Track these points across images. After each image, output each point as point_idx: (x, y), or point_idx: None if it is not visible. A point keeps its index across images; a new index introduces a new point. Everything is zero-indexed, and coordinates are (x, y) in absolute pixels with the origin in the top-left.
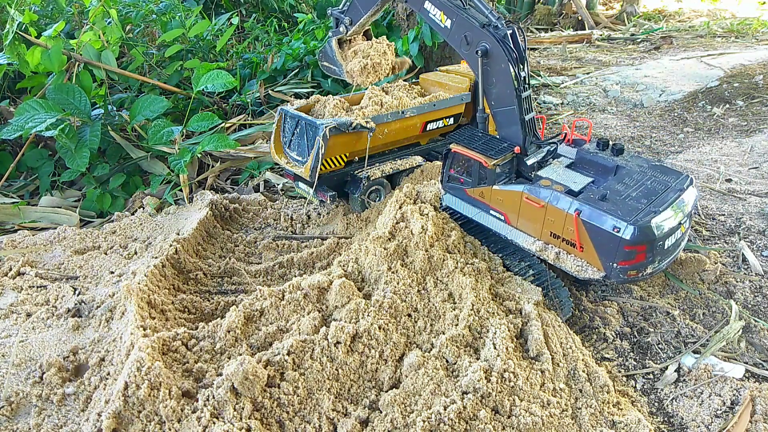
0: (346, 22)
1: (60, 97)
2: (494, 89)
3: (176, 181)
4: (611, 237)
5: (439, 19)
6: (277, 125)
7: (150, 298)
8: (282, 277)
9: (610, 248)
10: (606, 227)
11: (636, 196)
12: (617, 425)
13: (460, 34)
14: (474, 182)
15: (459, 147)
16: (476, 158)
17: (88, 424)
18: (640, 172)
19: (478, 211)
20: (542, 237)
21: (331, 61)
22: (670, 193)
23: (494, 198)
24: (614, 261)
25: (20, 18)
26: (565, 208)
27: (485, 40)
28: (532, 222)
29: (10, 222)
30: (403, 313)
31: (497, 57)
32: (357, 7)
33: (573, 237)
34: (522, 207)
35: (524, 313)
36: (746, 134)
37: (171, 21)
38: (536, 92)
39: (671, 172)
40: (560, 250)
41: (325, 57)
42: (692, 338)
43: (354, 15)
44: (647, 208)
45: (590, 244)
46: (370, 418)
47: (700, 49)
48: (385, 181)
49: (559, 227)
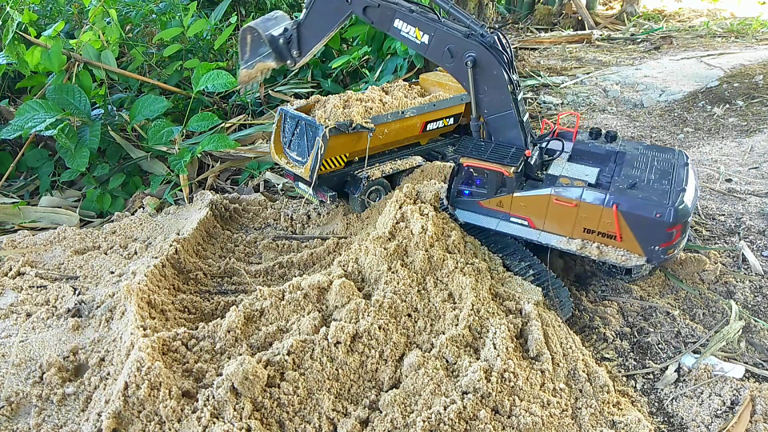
0: (295, 55)
1: (60, 97)
2: (486, 97)
3: (176, 181)
4: (654, 222)
5: (414, 36)
6: (277, 125)
7: (150, 298)
8: (282, 277)
9: (653, 233)
10: (648, 214)
11: (656, 179)
12: (617, 425)
13: (441, 48)
14: (490, 193)
15: (470, 160)
16: (493, 168)
17: (88, 424)
18: (640, 154)
19: (497, 221)
20: (575, 235)
21: (244, 51)
22: (680, 170)
23: (515, 205)
24: (656, 244)
25: (19, 18)
26: (599, 202)
27: (472, 49)
28: (561, 222)
29: (10, 222)
30: (403, 313)
31: (488, 64)
32: (306, 37)
33: (611, 229)
34: (550, 209)
35: (524, 313)
36: (746, 134)
37: (170, 21)
38: (536, 92)
39: (666, 150)
40: (600, 244)
41: (246, 45)
42: (692, 338)
43: (304, 46)
44: (672, 188)
45: (630, 232)
46: (370, 418)
47: (700, 49)
48: (385, 181)
49: (593, 222)
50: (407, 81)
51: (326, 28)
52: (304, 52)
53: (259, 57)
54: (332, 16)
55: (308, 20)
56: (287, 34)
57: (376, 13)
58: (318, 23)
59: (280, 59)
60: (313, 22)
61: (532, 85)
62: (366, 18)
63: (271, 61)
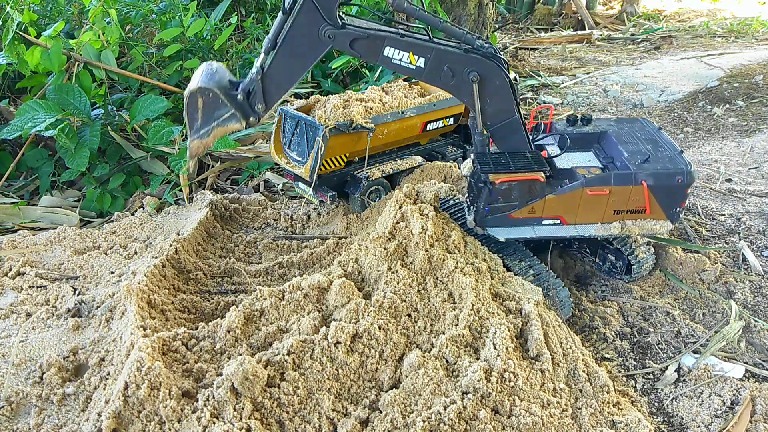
0: (259, 109)
1: (60, 97)
2: (490, 107)
3: (176, 181)
4: (677, 188)
5: (408, 61)
6: (277, 125)
7: (150, 298)
8: (282, 277)
9: (675, 198)
10: (672, 182)
11: (653, 148)
12: (617, 425)
13: (439, 68)
14: (522, 203)
15: (500, 176)
16: (527, 178)
17: (88, 424)
18: (618, 129)
19: (529, 228)
20: (604, 219)
21: (194, 118)
22: (661, 135)
23: (548, 207)
24: (677, 206)
25: (19, 18)
26: (628, 183)
27: (474, 64)
28: (592, 211)
29: (10, 222)
30: (403, 313)
31: (491, 75)
32: (272, 86)
33: (640, 205)
34: (582, 202)
35: (524, 313)
36: (746, 134)
37: (170, 21)
38: (536, 92)
39: (632, 120)
40: (623, 221)
41: (196, 111)
42: (692, 338)
43: (271, 97)
44: (673, 153)
45: (656, 203)
46: (370, 418)
47: (700, 49)
48: (385, 181)
49: (622, 203)
50: (407, 81)
51: (298, 70)
52: (270, 103)
53: (217, 121)
54: (306, 56)
55: (275, 65)
56: (247, 87)
57: (364, 45)
58: (287, 67)
59: (244, 118)
60: (282, 67)
61: (532, 85)
62: (353, 52)
63: (234, 123)
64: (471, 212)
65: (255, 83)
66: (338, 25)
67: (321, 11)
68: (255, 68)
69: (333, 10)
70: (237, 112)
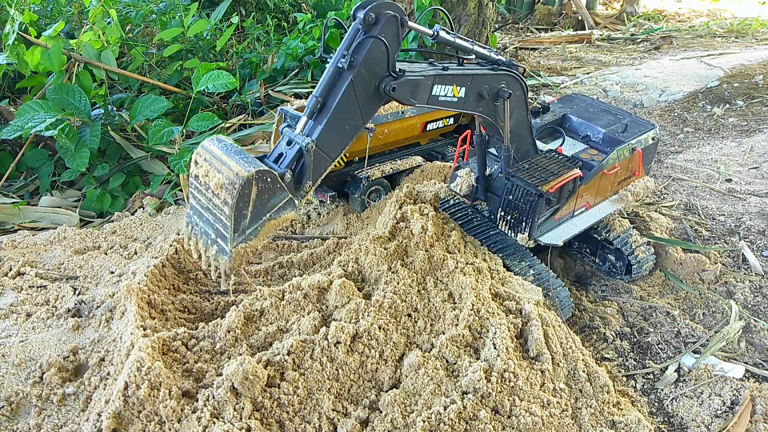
0: (307, 189)
1: (60, 97)
2: (511, 119)
3: (176, 181)
4: (653, 146)
5: (452, 95)
6: (277, 125)
7: (150, 298)
8: (282, 277)
9: (650, 155)
10: (651, 143)
11: (613, 117)
12: (617, 425)
13: (474, 94)
14: (563, 202)
15: (551, 184)
16: (571, 178)
17: (88, 424)
18: (571, 109)
19: (570, 224)
20: (611, 192)
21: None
22: (606, 105)
23: (580, 198)
24: (651, 161)
25: (20, 18)
26: (627, 155)
27: (503, 81)
28: (605, 189)
29: (10, 222)
30: (403, 313)
31: (513, 87)
32: (320, 164)
33: (634, 170)
34: (601, 183)
35: (524, 313)
36: (746, 134)
37: (171, 21)
38: (536, 92)
39: (572, 98)
40: (627, 189)
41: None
42: (692, 338)
43: (318, 170)
44: (629, 116)
45: (641, 165)
46: (370, 418)
47: (700, 49)
48: (385, 181)
49: (623, 173)
50: None
51: (349, 135)
52: (317, 178)
53: (269, 213)
54: (359, 116)
55: (327, 131)
56: (292, 162)
57: (420, 90)
58: (340, 132)
59: (295, 205)
60: (334, 133)
61: (532, 85)
62: (411, 101)
63: (290, 212)
64: (523, 230)
65: (306, 156)
66: (399, 75)
67: (389, 60)
68: (299, 137)
69: (395, 59)
70: (292, 199)
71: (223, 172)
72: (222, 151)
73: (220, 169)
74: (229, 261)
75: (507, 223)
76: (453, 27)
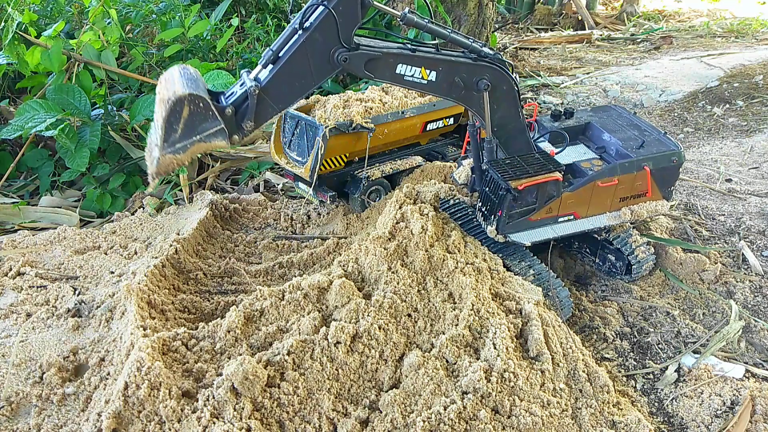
0: (248, 127)
1: (60, 97)
2: (497, 114)
3: (176, 181)
4: (672, 168)
5: (420, 76)
6: (277, 125)
7: (150, 298)
8: (282, 277)
9: (670, 177)
10: (668, 164)
11: (638, 132)
12: (617, 425)
13: (448, 81)
14: (540, 204)
15: (521, 181)
16: (548, 179)
17: (88, 424)
18: (599, 118)
19: (548, 228)
20: (612, 208)
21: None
22: (641, 121)
23: (564, 204)
24: (671, 185)
25: (20, 18)
26: (632, 171)
27: (485, 73)
28: (601, 202)
29: (10, 222)
30: (403, 313)
31: (499, 82)
32: (268, 104)
33: (642, 189)
34: (594, 195)
35: (524, 313)
36: (746, 134)
37: (171, 21)
38: (536, 92)
39: (607, 108)
40: (630, 207)
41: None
42: (692, 338)
43: (263, 115)
44: (659, 135)
45: (655, 186)
46: (370, 418)
47: (700, 49)
48: (385, 181)
49: (627, 190)
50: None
51: (298, 91)
52: (260, 122)
53: (200, 136)
54: (311, 77)
55: (274, 81)
56: (238, 100)
57: (378, 66)
58: (288, 86)
59: (230, 135)
60: (281, 85)
61: (532, 85)
62: (367, 74)
63: (219, 140)
64: (491, 223)
65: (250, 98)
66: (353, 47)
67: (340, 32)
68: (249, 81)
69: (351, 32)
70: (225, 128)
71: (168, 90)
72: (179, 75)
73: (168, 88)
74: (155, 166)
75: (482, 214)
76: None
